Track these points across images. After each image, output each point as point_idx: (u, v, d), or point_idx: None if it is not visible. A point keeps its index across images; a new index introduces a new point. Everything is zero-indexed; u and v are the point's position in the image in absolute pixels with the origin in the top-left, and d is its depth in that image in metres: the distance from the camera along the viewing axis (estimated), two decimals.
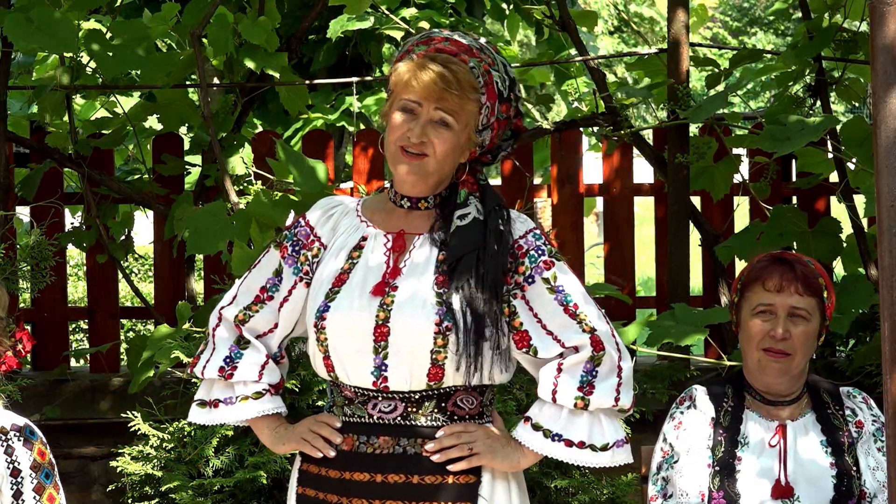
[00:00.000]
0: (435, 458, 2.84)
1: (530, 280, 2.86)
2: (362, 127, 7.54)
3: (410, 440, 2.85)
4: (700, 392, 3.41)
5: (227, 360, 2.95)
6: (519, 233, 2.88)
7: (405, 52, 2.88)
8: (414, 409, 2.85)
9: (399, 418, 2.85)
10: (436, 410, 2.85)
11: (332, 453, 2.87)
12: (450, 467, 2.84)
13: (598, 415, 2.83)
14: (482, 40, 2.91)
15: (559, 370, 2.83)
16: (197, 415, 3.02)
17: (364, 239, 2.90)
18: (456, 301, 2.79)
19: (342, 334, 2.83)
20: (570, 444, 2.82)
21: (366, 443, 2.86)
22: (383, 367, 2.82)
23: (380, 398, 2.85)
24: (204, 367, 2.98)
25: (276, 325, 2.97)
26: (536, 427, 2.85)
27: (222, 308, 2.99)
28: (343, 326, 2.83)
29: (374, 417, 2.86)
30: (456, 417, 2.87)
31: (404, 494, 2.83)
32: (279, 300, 2.95)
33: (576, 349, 2.83)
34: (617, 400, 2.83)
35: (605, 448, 2.83)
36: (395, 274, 2.85)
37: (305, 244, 2.94)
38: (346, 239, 2.91)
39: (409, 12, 8.12)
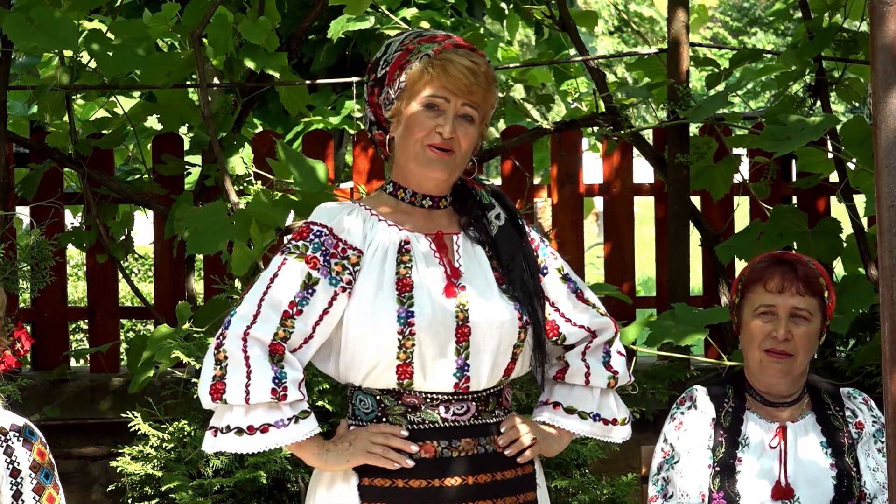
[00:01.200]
0: (508, 451, 2.89)
1: (545, 271, 2.97)
2: (362, 127, 7.54)
3: (486, 438, 2.88)
4: (700, 392, 3.41)
5: (276, 380, 2.73)
6: (527, 229, 2.99)
7: (406, 50, 2.87)
8: (483, 407, 2.87)
9: (472, 419, 2.86)
10: (496, 406, 2.90)
11: (411, 463, 2.81)
12: (519, 459, 2.91)
13: (615, 392, 3.04)
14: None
15: (585, 354, 2.98)
16: (238, 444, 2.75)
17: (406, 242, 2.85)
18: (524, 297, 2.86)
19: (431, 338, 2.78)
20: (606, 422, 3.00)
21: (448, 447, 2.84)
22: (465, 368, 2.82)
23: (453, 400, 2.84)
24: (246, 391, 2.72)
25: (307, 339, 2.79)
26: (570, 410, 2.98)
27: (248, 328, 2.75)
28: (432, 330, 2.78)
29: (449, 421, 2.84)
30: (507, 411, 2.94)
31: (494, 493, 2.86)
32: (316, 313, 2.78)
33: (595, 334, 2.99)
34: (629, 376, 3.06)
35: (624, 422, 3.05)
36: (457, 274, 2.85)
37: (335, 253, 2.81)
38: (385, 243, 2.84)
39: (409, 12, 8.11)
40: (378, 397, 2.84)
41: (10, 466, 3.00)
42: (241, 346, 2.75)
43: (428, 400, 2.83)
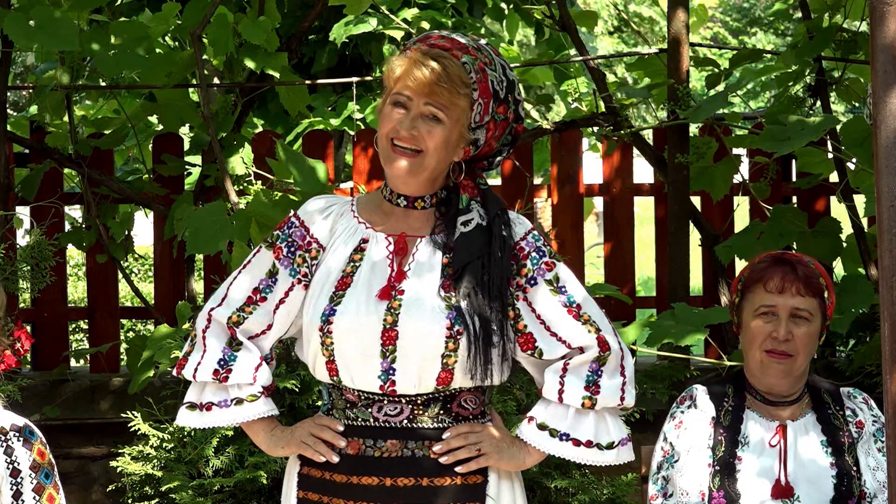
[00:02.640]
0: (443, 459, 2.84)
1: (533, 282, 2.87)
2: (362, 127, 7.55)
3: (417, 443, 2.85)
4: (700, 392, 3.41)
5: (222, 362, 2.89)
6: (519, 235, 2.89)
7: (402, 50, 2.89)
8: (420, 412, 2.85)
9: (405, 421, 2.84)
10: (441, 412, 2.85)
11: (336, 458, 2.85)
12: (458, 468, 2.84)
13: (603, 414, 2.87)
14: (482, 41, 2.91)
15: (564, 370, 2.85)
16: (187, 418, 2.94)
17: (365, 241, 2.88)
18: (464, 306, 2.80)
19: (349, 338, 2.81)
20: (577, 443, 2.86)
21: (373, 446, 2.85)
22: (391, 371, 2.81)
23: (385, 401, 2.84)
24: (195, 368, 2.90)
25: (269, 327, 2.91)
26: (542, 427, 2.87)
27: (212, 309, 2.92)
28: (350, 330, 2.80)
29: (380, 421, 2.84)
30: (460, 418, 2.87)
31: (413, 497, 2.83)
32: (274, 302, 2.89)
33: (581, 350, 2.86)
34: (622, 399, 2.87)
35: (610, 446, 2.87)
36: (400, 277, 2.83)
37: (301, 245, 2.90)
38: (345, 240, 2.89)
39: (411, 13, 8.10)
40: (329, 390, 2.91)
41: (10, 466, 3.00)
42: (204, 325, 2.93)
43: (362, 398, 2.85)
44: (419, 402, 2.84)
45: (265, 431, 2.93)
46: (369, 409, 2.85)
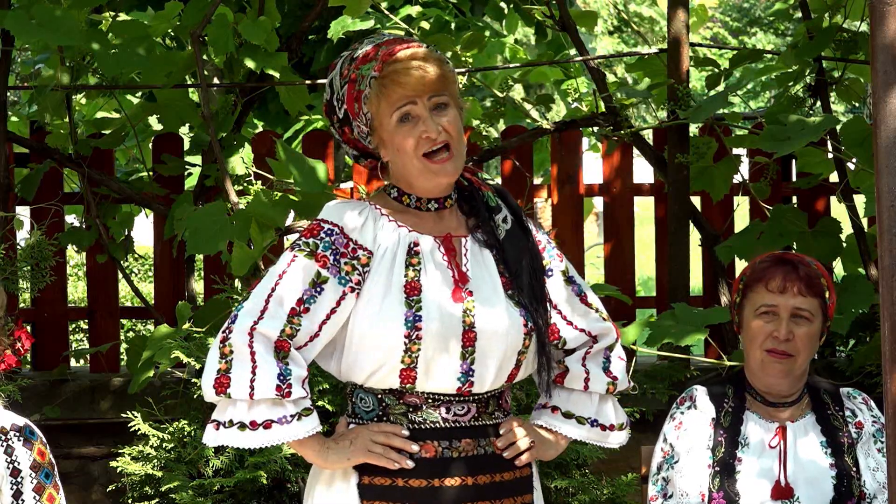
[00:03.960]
0: (506, 453, 2.89)
1: (549, 273, 2.96)
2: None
3: (485, 440, 2.88)
4: (700, 392, 3.41)
5: (281, 376, 2.73)
6: (533, 228, 2.98)
7: (350, 82, 2.83)
8: (483, 409, 2.87)
9: (472, 420, 2.86)
10: (496, 409, 2.90)
11: (411, 463, 2.81)
12: (517, 462, 2.91)
13: (613, 398, 3.03)
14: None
15: (585, 359, 2.98)
16: (239, 439, 2.74)
17: (416, 244, 2.84)
18: (530, 303, 2.86)
19: (438, 343, 2.78)
20: (604, 428, 3.00)
21: (449, 447, 2.84)
22: (470, 373, 2.81)
23: (454, 402, 2.84)
24: (251, 386, 2.72)
25: (313, 337, 2.79)
26: (568, 415, 2.99)
27: (255, 324, 2.75)
28: (439, 335, 2.78)
29: (450, 421, 2.84)
30: (506, 413, 2.93)
31: (492, 494, 2.86)
32: (324, 312, 2.78)
33: (596, 338, 2.99)
34: (628, 382, 3.04)
35: (622, 427, 3.05)
36: (464, 279, 2.84)
37: (345, 252, 2.80)
38: (394, 245, 2.83)
39: (414, 10, 8.10)
40: (379, 396, 2.84)
41: (11, 466, 3.00)
42: (247, 340, 2.74)
43: (430, 400, 2.83)
44: (484, 399, 2.87)
45: (319, 444, 2.82)
46: (437, 411, 2.83)
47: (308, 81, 5.80)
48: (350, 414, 2.90)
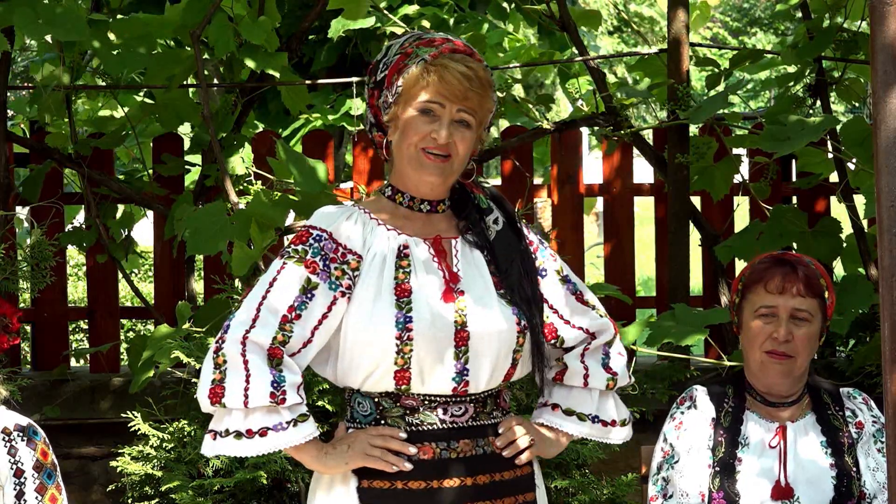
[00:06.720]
0: (506, 452, 2.90)
1: (543, 273, 2.96)
2: (362, 127, 7.54)
3: (484, 440, 2.88)
4: (700, 392, 3.41)
5: (275, 384, 2.73)
6: (526, 231, 2.99)
7: (404, 54, 2.87)
8: (480, 409, 2.88)
9: (470, 420, 2.87)
10: (493, 408, 2.91)
11: (409, 465, 2.82)
12: (517, 460, 2.91)
13: (615, 393, 3.04)
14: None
15: (583, 355, 2.99)
16: (236, 447, 2.75)
17: (405, 247, 2.85)
18: (522, 301, 2.87)
19: (429, 343, 2.78)
20: (605, 424, 3.01)
21: (447, 448, 2.84)
22: (465, 372, 2.82)
23: (451, 402, 2.85)
24: (245, 395, 2.73)
25: (306, 343, 2.79)
26: (569, 412, 2.99)
27: (247, 332, 2.76)
28: (430, 336, 2.78)
29: (448, 422, 2.85)
30: (504, 412, 2.94)
31: (493, 493, 2.87)
32: (315, 318, 2.78)
33: (594, 335, 2.99)
34: (629, 377, 3.06)
35: (624, 423, 3.06)
36: (455, 279, 2.85)
37: (335, 257, 2.81)
38: (383, 248, 2.84)
39: (411, 9, 8.10)
40: (376, 399, 2.85)
41: (14, 466, 3.00)
42: (240, 350, 2.75)
43: (426, 402, 2.83)
44: (481, 399, 2.87)
45: (317, 450, 2.82)
46: (433, 413, 2.84)
47: (308, 81, 5.80)
48: (348, 419, 2.91)
